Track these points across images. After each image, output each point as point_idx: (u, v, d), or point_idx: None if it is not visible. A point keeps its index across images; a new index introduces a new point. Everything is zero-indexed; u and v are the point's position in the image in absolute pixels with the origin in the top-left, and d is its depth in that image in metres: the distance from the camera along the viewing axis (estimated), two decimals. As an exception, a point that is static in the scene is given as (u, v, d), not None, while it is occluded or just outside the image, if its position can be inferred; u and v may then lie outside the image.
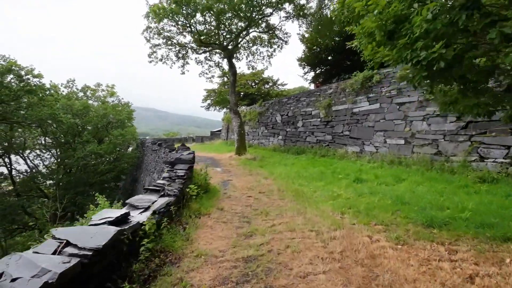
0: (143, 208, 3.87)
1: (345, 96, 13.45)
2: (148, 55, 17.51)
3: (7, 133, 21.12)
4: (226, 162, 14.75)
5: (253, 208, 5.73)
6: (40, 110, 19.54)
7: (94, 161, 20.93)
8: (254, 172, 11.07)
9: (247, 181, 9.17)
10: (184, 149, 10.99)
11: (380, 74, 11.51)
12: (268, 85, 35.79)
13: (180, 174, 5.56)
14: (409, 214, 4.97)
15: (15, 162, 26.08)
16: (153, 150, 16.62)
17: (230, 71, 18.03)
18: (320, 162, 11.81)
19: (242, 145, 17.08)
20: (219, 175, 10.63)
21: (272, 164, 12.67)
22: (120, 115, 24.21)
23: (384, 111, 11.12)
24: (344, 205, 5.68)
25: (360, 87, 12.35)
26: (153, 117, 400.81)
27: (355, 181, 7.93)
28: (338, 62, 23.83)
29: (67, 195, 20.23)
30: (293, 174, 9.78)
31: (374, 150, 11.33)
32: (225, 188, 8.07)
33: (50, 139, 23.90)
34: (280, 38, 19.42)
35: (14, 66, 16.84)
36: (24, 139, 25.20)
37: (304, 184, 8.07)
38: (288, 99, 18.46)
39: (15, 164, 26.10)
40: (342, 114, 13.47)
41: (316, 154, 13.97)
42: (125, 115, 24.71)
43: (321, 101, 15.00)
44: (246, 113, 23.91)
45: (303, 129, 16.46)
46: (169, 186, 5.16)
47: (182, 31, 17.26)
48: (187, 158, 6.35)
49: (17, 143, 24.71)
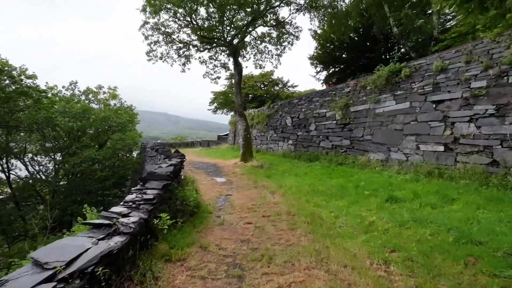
0: (52, 270, 2.26)
1: (365, 95, 11.61)
2: (146, 53, 16.13)
3: (3, 138, 20.10)
4: (229, 170, 13.08)
5: (251, 247, 4.00)
6: (36, 113, 18.46)
7: (91, 167, 19.65)
8: (259, 184, 9.35)
9: (250, 197, 7.45)
10: (175, 157, 9.40)
11: (410, 67, 9.65)
12: (277, 86, 34.11)
13: (148, 197, 3.92)
14: (491, 264, 3.16)
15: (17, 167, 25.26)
16: (149, 156, 15.13)
17: (236, 70, 16.43)
18: (338, 172, 9.98)
19: (248, 150, 15.39)
20: (217, 188, 8.95)
21: (281, 174, 10.91)
22: (121, 118, 22.95)
23: (415, 111, 9.23)
24: (385, 244, 3.89)
25: (384, 84, 10.50)
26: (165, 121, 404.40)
27: (388, 200, 6.10)
28: (354, 60, 21.98)
29: (62, 204, 19.01)
30: (306, 187, 8.00)
31: (404, 158, 9.43)
32: (220, 208, 6.36)
33: (49, 144, 22.83)
34: (290, 34, 17.70)
35: (5, 66, 15.76)
36: (24, 144, 24.31)
37: (321, 203, 6.29)
38: (299, 100, 16.70)
39: (17, 169, 25.28)
40: (363, 116, 11.63)
41: (331, 161, 12.15)
42: (126, 118, 23.43)
43: (337, 101, 13.19)
44: (253, 116, 22.27)
45: (316, 133, 14.66)
46: (127, 216, 3.52)
47: (182, 26, 15.80)
48: (164, 172, 4.69)
49: (18, 147, 23.86)
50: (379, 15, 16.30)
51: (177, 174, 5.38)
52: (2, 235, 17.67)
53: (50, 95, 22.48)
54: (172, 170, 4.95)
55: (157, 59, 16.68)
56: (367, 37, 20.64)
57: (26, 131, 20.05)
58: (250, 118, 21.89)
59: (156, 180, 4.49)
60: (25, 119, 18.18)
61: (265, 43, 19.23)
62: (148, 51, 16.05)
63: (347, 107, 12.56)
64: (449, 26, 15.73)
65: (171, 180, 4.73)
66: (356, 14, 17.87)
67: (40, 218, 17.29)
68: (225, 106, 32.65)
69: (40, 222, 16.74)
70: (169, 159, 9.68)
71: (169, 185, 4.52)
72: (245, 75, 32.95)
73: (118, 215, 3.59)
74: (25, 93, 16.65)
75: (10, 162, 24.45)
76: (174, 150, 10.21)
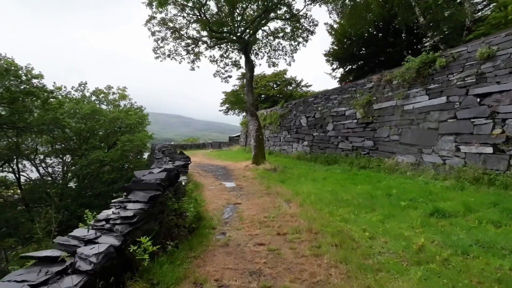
0: None
1: (391, 90, 10.37)
2: (153, 50, 15.38)
3: (13, 139, 19.84)
4: (240, 174, 12.07)
5: (264, 285, 2.93)
6: (45, 114, 18.06)
7: (98, 169, 19.11)
8: (272, 190, 8.28)
9: (262, 207, 6.40)
10: (179, 159, 8.47)
11: (447, 56, 8.36)
12: (291, 86, 32.97)
13: (126, 213, 2.94)
14: None
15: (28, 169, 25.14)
16: (156, 158, 14.33)
17: (247, 66, 15.44)
18: (362, 177, 8.78)
19: (260, 152, 14.35)
20: (225, 194, 7.94)
21: (297, 178, 9.80)
22: (129, 119, 22.38)
23: (454, 107, 7.94)
24: (454, 285, 2.75)
25: (415, 77, 9.24)
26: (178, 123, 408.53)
27: (433, 214, 4.91)
28: (372, 56, 20.58)
29: (70, 207, 18.53)
30: (328, 195, 6.87)
31: (439, 161, 8.14)
32: (226, 221, 5.34)
33: (59, 146, 22.52)
34: (305, 29, 16.58)
35: (11, 66, 15.36)
36: (35, 145, 24.15)
37: (348, 217, 5.16)
38: (315, 98, 15.54)
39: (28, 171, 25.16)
40: (388, 113, 10.38)
41: (353, 164, 10.94)
42: (134, 119, 22.86)
43: (357, 98, 11.98)
44: (266, 116, 21.22)
45: (334, 133, 13.46)
46: (92, 242, 2.56)
47: (190, 22, 14.97)
48: (153, 180, 3.69)
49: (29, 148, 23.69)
50: (403, 5, 14.94)
51: (172, 181, 4.40)
52: (8, 238, 17.26)
53: (61, 97, 22.21)
54: (165, 177, 3.95)
55: (165, 56, 15.93)
56: (387, 30, 19.27)
57: (34, 133, 19.69)
58: (262, 118, 20.85)
59: (142, 190, 3.51)
60: (34, 120, 17.85)
61: (278, 39, 18.23)
62: (155, 48, 15.31)
63: (369, 104, 11.34)
64: (481, 15, 14.22)
65: (162, 189, 3.74)
66: (376, 6, 16.56)
67: (46, 221, 16.82)
68: (236, 106, 31.73)
69: (46, 225, 16.25)
70: (173, 162, 8.78)
71: (159, 197, 3.54)
72: (257, 74, 31.99)
73: (81, 242, 2.61)
74: (32, 93, 16.21)
75: (22, 164, 24.41)
76: (179, 152, 9.30)
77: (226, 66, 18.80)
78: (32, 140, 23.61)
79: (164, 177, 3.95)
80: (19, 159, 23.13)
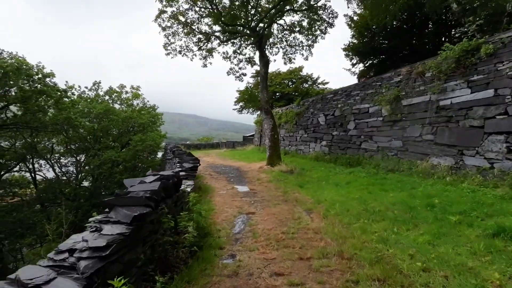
0: None
1: (424, 84, 9.21)
2: (164, 46, 14.76)
3: (28, 139, 19.86)
4: (254, 176, 11.22)
5: None
6: (59, 113, 17.89)
7: (111, 169, 18.80)
8: (290, 196, 7.38)
9: (279, 218, 5.52)
10: (187, 161, 7.71)
11: (495, 41, 7.16)
12: (307, 84, 31.79)
13: (97, 242, 2.11)
14: None
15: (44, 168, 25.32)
16: (167, 159, 13.72)
17: (261, 62, 14.57)
18: (392, 182, 7.72)
19: (275, 153, 13.45)
20: (237, 201, 7.11)
21: (317, 182, 8.85)
22: (142, 118, 22.02)
23: (504, 101, 6.76)
24: None
25: (454, 67, 8.06)
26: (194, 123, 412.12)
27: (498, 234, 3.86)
28: (396, 50, 19.18)
29: (82, 208, 18.31)
30: (355, 204, 5.91)
31: (486, 164, 6.97)
32: (237, 238, 4.49)
33: (73, 145, 22.46)
34: (324, 20, 15.51)
35: (22, 65, 15.16)
36: (52, 144, 24.26)
37: (386, 236, 4.20)
38: (334, 95, 14.46)
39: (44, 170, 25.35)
40: (420, 110, 9.23)
41: (378, 167, 9.85)
42: (147, 119, 22.48)
43: (383, 94, 10.87)
44: (281, 115, 20.26)
45: (356, 132, 12.38)
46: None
47: (202, 16, 14.24)
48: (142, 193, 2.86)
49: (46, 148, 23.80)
50: (433, -9, 13.57)
51: (170, 192, 3.60)
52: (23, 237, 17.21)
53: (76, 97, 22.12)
54: (159, 188, 3.13)
55: (176, 53, 15.30)
56: (412, 21, 17.86)
57: (49, 132, 19.62)
58: (277, 117, 19.91)
59: (126, 207, 2.70)
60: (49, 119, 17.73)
61: (294, 34, 17.25)
62: (165, 44, 14.68)
63: (397, 100, 10.20)
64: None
65: (154, 204, 2.93)
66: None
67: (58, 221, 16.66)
68: (250, 104, 30.88)
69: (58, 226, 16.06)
70: (181, 164, 8.04)
71: (148, 215, 2.71)
72: (272, 72, 31.02)
73: (24, 289, 1.82)
74: (44, 92, 16.00)
75: (39, 163, 24.59)
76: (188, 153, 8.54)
77: (240, 63, 18.03)
78: (49, 140, 23.74)
79: (157, 188, 3.14)
80: (36, 159, 23.31)
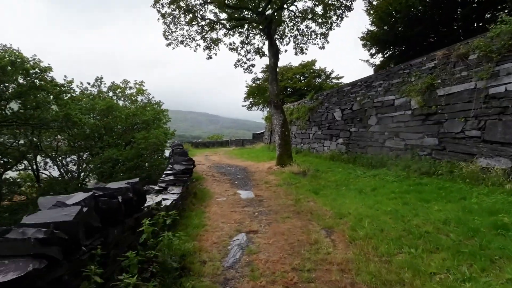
0: None
1: (467, 68, 7.58)
2: (164, 35, 13.56)
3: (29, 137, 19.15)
4: (261, 178, 9.85)
5: None
6: (59, 110, 17.06)
7: (111, 169, 17.88)
8: (304, 207, 5.97)
9: (288, 242, 4.12)
10: (179, 162, 6.41)
11: None
12: (320, 78, 30.15)
13: None
14: None
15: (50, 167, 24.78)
16: (168, 158, 12.50)
17: (270, 51, 13.15)
18: (432, 189, 6.16)
19: (285, 152, 12.04)
20: (237, 213, 5.75)
21: (336, 188, 7.39)
22: (146, 115, 21.00)
23: None
24: None
25: (508, 46, 6.42)
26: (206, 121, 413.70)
27: None
28: (420, 37, 17.33)
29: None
30: (390, 222, 4.45)
31: (559, 168, 5.35)
32: (227, 276, 3.13)
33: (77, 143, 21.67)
34: (341, 4, 13.92)
35: (18, 58, 14.30)
36: (56, 142, 23.65)
37: (453, 282, 2.74)
38: (352, 87, 12.90)
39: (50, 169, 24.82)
40: (462, 100, 7.61)
41: (409, 169, 8.26)
42: (151, 115, 21.46)
43: (412, 83, 9.28)
44: (292, 110, 18.78)
45: (378, 129, 10.81)
46: None
47: (206, 2, 12.91)
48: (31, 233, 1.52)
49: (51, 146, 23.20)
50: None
51: (116, 216, 2.27)
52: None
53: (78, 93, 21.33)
54: (75, 219, 1.71)
55: (177, 42, 14.12)
56: (438, 4, 15.98)
57: (51, 130, 18.85)
58: (288, 113, 18.44)
59: (4, 258, 1.39)
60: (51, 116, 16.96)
61: (307, 21, 15.71)
62: (165, 32, 13.47)
63: (431, 89, 8.59)
64: None
65: (64, 249, 1.61)
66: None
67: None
68: (259, 99, 29.46)
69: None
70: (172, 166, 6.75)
71: (34, 278, 1.40)
72: (283, 66, 29.49)
73: None
74: (42, 87, 15.13)
75: (44, 161, 24.04)
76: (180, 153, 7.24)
77: (248, 54, 16.70)
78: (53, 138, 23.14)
79: (73, 218, 1.79)
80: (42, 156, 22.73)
